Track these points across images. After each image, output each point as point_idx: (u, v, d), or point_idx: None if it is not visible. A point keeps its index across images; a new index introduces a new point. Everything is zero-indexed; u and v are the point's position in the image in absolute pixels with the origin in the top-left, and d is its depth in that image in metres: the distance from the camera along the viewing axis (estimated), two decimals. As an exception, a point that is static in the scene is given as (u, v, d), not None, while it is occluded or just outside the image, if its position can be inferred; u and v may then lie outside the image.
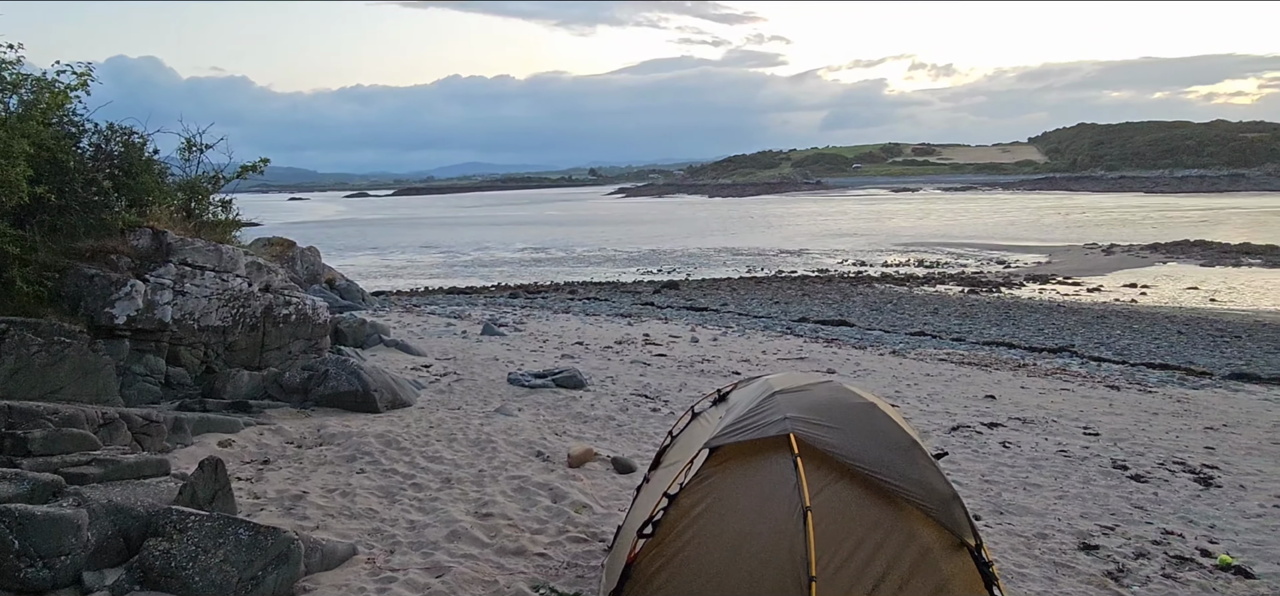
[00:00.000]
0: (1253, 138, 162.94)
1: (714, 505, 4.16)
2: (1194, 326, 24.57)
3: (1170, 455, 10.53)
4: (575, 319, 24.14)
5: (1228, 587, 6.40)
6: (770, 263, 46.80)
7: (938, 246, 54.33)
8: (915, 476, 3.98)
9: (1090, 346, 21.64)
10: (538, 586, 5.55)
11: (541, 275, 42.28)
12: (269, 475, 7.47)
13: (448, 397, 11.30)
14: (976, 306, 29.18)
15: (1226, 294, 31.67)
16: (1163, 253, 45.59)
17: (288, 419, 9.37)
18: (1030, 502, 8.36)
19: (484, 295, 33.23)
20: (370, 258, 54.42)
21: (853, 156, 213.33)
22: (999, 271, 40.30)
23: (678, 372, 14.96)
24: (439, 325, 20.08)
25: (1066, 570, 6.59)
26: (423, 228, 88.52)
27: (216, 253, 10.05)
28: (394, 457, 8.15)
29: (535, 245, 62.02)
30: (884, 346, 21.22)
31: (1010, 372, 17.37)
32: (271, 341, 10.70)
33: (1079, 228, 67.12)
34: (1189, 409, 13.86)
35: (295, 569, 5.18)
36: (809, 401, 4.41)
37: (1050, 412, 12.94)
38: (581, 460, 8.41)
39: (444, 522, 6.52)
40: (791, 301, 30.73)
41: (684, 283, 37.43)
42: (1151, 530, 7.68)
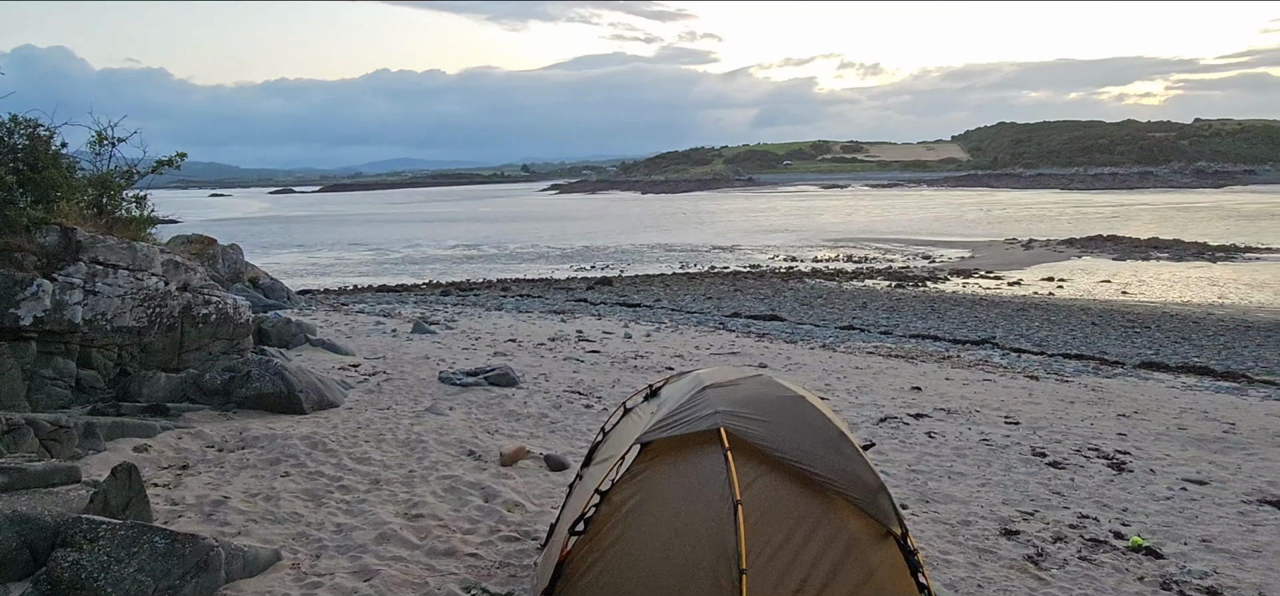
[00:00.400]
0: (1160, 137, 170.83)
1: (645, 500, 4.16)
2: (1107, 318, 25.62)
3: (1086, 442, 10.94)
4: (508, 316, 23.95)
5: (1139, 568, 6.67)
6: (703, 258, 47.16)
7: (866, 242, 55.52)
8: (843, 468, 4.05)
9: (1011, 338, 22.39)
10: (469, 587, 5.47)
11: (474, 272, 41.84)
12: (188, 480, 7.20)
13: (377, 397, 11.08)
14: (903, 300, 29.90)
15: (1137, 286, 33.11)
16: (1078, 247, 47.42)
17: (208, 422, 9.06)
18: (954, 491, 8.59)
19: (415, 293, 32.71)
20: (296, 255, 53.07)
21: (783, 153, 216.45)
22: (924, 266, 41.38)
23: (611, 369, 14.95)
24: (368, 323, 19.68)
25: (989, 555, 6.79)
26: (351, 225, 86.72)
27: (130, 250, 9.65)
28: (320, 459, 7.94)
29: (467, 242, 61.32)
30: (814, 340, 21.58)
31: (935, 365, 17.84)
32: (190, 342, 10.33)
33: (1000, 223, 69.35)
34: (1103, 397, 14.43)
35: (215, 577, 5.01)
36: (739, 395, 4.45)
37: (973, 403, 13.32)
38: (514, 458, 8.33)
39: (372, 525, 6.38)
40: (724, 297, 31.02)
41: (617, 279, 37.47)
42: (1068, 515, 7.96)
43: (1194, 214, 74.67)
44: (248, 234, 64.28)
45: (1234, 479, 9.50)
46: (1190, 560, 6.89)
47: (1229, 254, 43.05)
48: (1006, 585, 6.17)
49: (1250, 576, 6.59)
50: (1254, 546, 7.30)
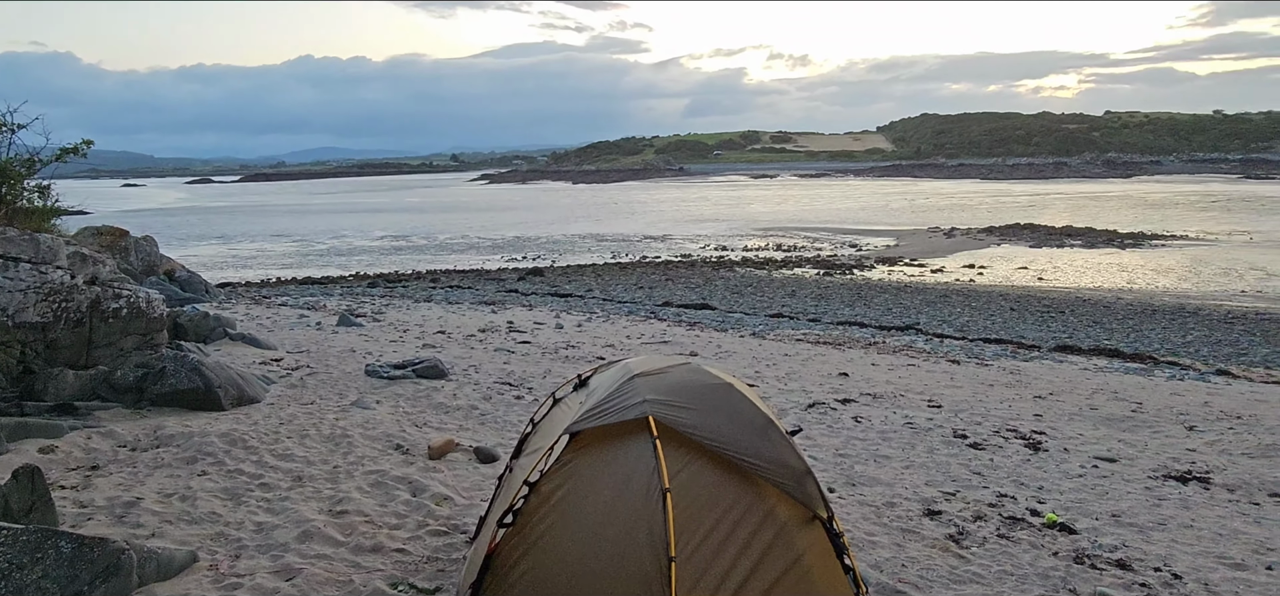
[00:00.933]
0: (1073, 129, 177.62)
1: (574, 490, 4.13)
2: (1024, 303, 26.52)
3: (1004, 423, 11.31)
4: (437, 307, 23.60)
5: (1053, 543, 6.93)
6: (634, 248, 47.23)
7: (795, 231, 56.36)
8: (771, 454, 4.09)
9: (934, 324, 23.00)
10: (396, 583, 5.37)
11: (402, 264, 41.10)
12: (98, 481, 6.89)
13: (300, 392, 10.78)
14: (831, 288, 30.45)
15: (1052, 272, 34.36)
16: (997, 235, 48.99)
17: (120, 421, 8.69)
18: (880, 473, 8.78)
19: (341, 285, 31.98)
20: (215, 247, 51.38)
21: (714, 143, 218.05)
22: (851, 254, 42.21)
23: (542, 359, 14.86)
24: (291, 317, 19.15)
25: (912, 535, 6.96)
26: (273, 215, 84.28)
27: (32, 242, 9.18)
28: (240, 457, 7.69)
29: (395, 233, 60.20)
30: (745, 329, 21.81)
31: (862, 351, 18.21)
32: (100, 338, 9.88)
33: (923, 212, 71.19)
34: (1021, 380, 14.93)
35: (127, 581, 4.80)
36: (668, 384, 4.45)
37: (898, 388, 13.64)
38: (442, 451, 8.21)
39: (295, 523, 6.20)
40: (655, 286, 31.13)
41: (549, 269, 37.27)
42: (988, 494, 8.22)
43: (1105, 203, 77.88)
44: (164, 226, 61.94)
45: (1141, 456, 9.94)
46: (1101, 534, 7.18)
47: (1137, 241, 45.03)
48: (929, 564, 6.33)
49: (1156, 548, 6.91)
50: (1159, 520, 7.65)
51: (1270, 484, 8.84)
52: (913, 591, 5.75)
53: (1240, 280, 31.89)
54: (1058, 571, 6.31)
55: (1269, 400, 13.55)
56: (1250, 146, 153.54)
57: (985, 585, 6.00)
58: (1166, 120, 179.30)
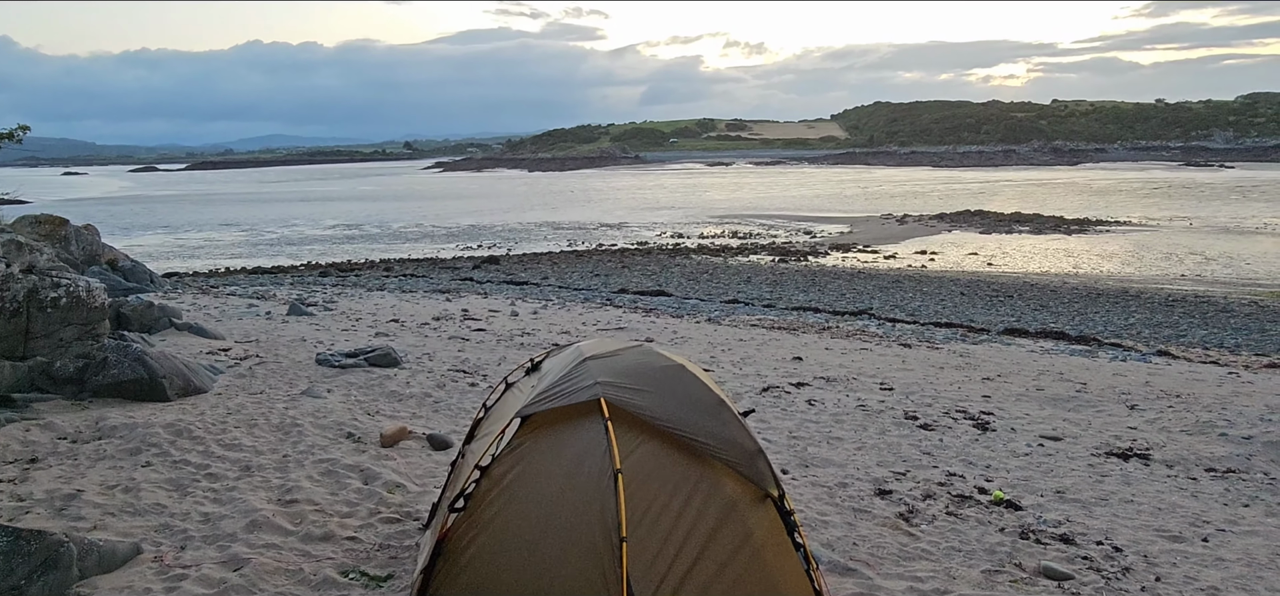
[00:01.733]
0: (1022, 117, 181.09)
1: (525, 473, 4.11)
2: (974, 288, 27.03)
3: (954, 405, 11.52)
4: (391, 296, 23.32)
5: (1000, 520, 7.09)
6: (591, 236, 47.14)
7: (750, 218, 56.71)
8: (722, 434, 4.11)
9: (886, 309, 23.34)
10: (347, 571, 5.30)
11: (355, 253, 40.51)
12: (36, 474, 6.69)
13: (249, 382, 10.58)
14: (786, 275, 30.71)
15: (1001, 258, 35.06)
16: (948, 222, 49.81)
17: (59, 412, 8.44)
18: (833, 455, 8.90)
19: (292, 275, 31.42)
20: (161, 237, 50.12)
21: (670, 131, 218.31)
22: (806, 241, 42.61)
23: (497, 347, 14.77)
24: (240, 306, 18.77)
25: (864, 515, 7.07)
26: (221, 204, 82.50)
27: (-36, 230, 8.86)
28: (186, 447, 7.52)
29: (347, 221, 59.31)
30: (700, 314, 21.91)
31: (816, 335, 18.41)
32: (38, 328, 9.57)
33: (876, 199, 72.11)
34: (970, 362, 15.22)
35: (67, 573, 4.68)
36: (619, 366, 4.45)
37: (851, 371, 13.82)
38: (395, 439, 8.12)
39: (243, 513, 6.09)
40: (612, 273, 31.11)
41: (504, 258, 37.03)
42: (937, 473, 8.37)
43: (1052, 190, 79.64)
44: (106, 215, 60.24)
45: (1085, 434, 10.21)
46: (1046, 510, 7.36)
47: (1082, 227, 46.13)
48: (880, 541, 6.44)
49: (1098, 522, 7.11)
50: (1101, 495, 7.87)
51: (1206, 459, 9.13)
52: (863, 569, 5.84)
53: (1180, 264, 32.86)
54: (1004, 546, 6.46)
55: (1206, 379, 13.99)
56: (1191, 134, 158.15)
57: (934, 561, 6.11)
58: (1111, 109, 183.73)
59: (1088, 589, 5.73)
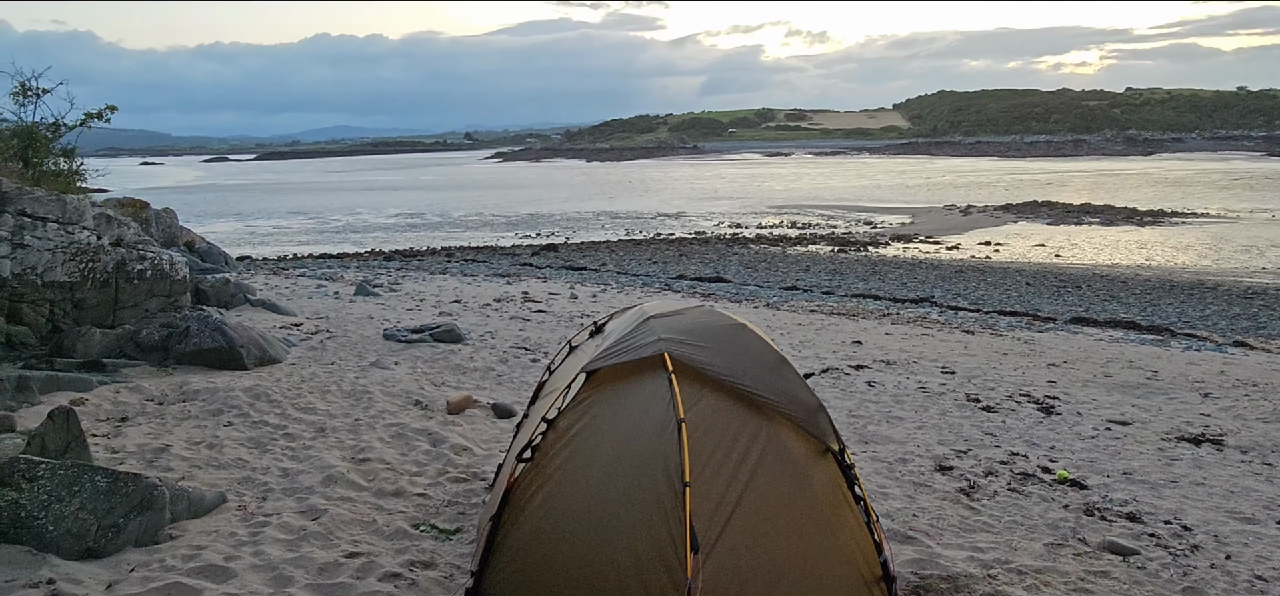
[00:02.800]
0: (1093, 106, 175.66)
1: (591, 425, 4.24)
2: (1040, 279, 26.42)
3: (1017, 389, 11.35)
4: (453, 279, 23.78)
5: (1064, 497, 7.01)
6: (649, 225, 47.24)
7: (809, 209, 56.17)
8: (783, 389, 4.18)
9: (948, 297, 22.98)
10: (418, 524, 5.52)
11: (417, 240, 41.27)
12: (128, 431, 7.08)
13: (320, 354, 10.96)
14: (845, 264, 30.41)
15: (1069, 249, 34.15)
16: (1014, 213, 48.65)
17: (146, 377, 8.89)
18: (892, 433, 8.87)
19: (357, 260, 32.19)
20: (232, 224, 51.73)
21: (728, 121, 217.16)
22: (866, 232, 42.07)
23: (557, 326, 14.99)
24: (309, 286, 19.37)
25: (924, 488, 7.06)
26: (289, 193, 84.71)
27: (60, 203, 9.36)
28: (264, 410, 7.87)
29: (410, 210, 60.40)
30: (759, 299, 21.88)
31: (875, 321, 18.25)
32: (125, 298, 10.08)
33: (939, 190, 70.76)
34: (1035, 349, 14.95)
35: (160, 516, 4.97)
36: (682, 324, 4.55)
37: (911, 355, 13.69)
38: (460, 407, 8.35)
39: (319, 469, 6.37)
40: (669, 261, 31.18)
41: (563, 245, 37.36)
42: (1000, 452, 8.29)
43: (1124, 180, 77.15)
44: (182, 202, 62.34)
45: (1155, 419, 9.98)
46: (1112, 490, 7.25)
47: (1156, 218, 44.63)
48: (940, 513, 6.43)
49: (1167, 503, 6.97)
50: (1171, 478, 7.71)
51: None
52: (923, 538, 5.85)
53: (1261, 257, 31.60)
54: (1067, 522, 6.39)
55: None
56: (1274, 123, 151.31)
57: (995, 534, 6.09)
58: (1189, 97, 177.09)
59: (1154, 563, 5.65)
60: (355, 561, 4.87)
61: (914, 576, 5.14)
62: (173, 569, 4.60)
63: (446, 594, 4.58)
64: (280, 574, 4.67)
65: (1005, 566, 5.41)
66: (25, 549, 4.52)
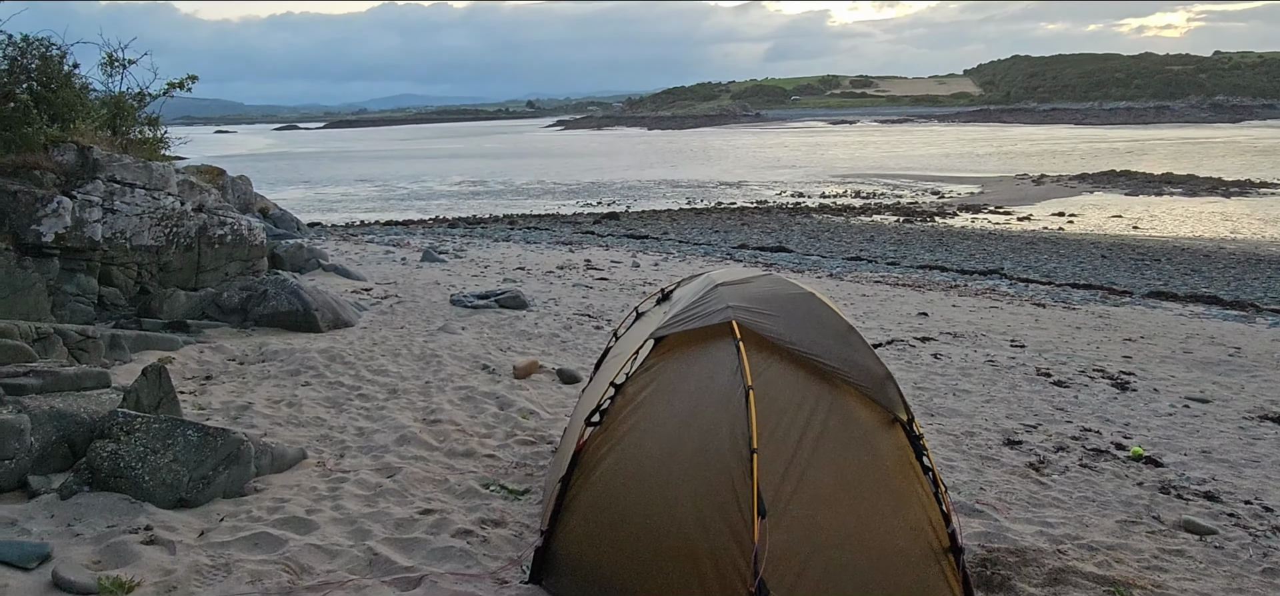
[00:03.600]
0: (1178, 70, 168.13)
1: (659, 390, 4.30)
2: (1117, 251, 25.59)
3: (1090, 363, 11.08)
4: (516, 246, 24.06)
5: (1139, 474, 6.85)
6: (710, 194, 47.01)
7: (874, 178, 55.19)
8: (851, 358, 4.17)
9: (1019, 269, 22.42)
10: (488, 484, 5.67)
11: (480, 208, 41.79)
12: (212, 389, 7.41)
13: (390, 318, 11.25)
14: (911, 234, 29.86)
15: (1148, 221, 32.95)
16: (1090, 183, 47.08)
17: (228, 338, 9.26)
18: (959, 406, 8.76)
19: (422, 227, 32.77)
20: (303, 191, 53.05)
21: (791, 89, 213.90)
22: (933, 202, 41.20)
23: (620, 294, 15.09)
24: (378, 252, 19.83)
25: (992, 463, 6.97)
26: (356, 161, 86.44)
27: (146, 170, 9.75)
28: (339, 371, 8.14)
29: (473, 178, 61.14)
30: (821, 270, 21.67)
31: (942, 293, 17.93)
32: (207, 262, 10.48)
33: (1011, 159, 68.79)
34: (1109, 323, 14.54)
35: (246, 469, 5.21)
36: (750, 292, 4.56)
37: (979, 328, 13.45)
38: (527, 372, 8.51)
39: (392, 429, 6.58)
40: (731, 230, 31.03)
41: (624, 214, 37.44)
42: (1071, 428, 8.13)
43: (1209, 149, 73.92)
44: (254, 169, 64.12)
45: (1236, 398, 9.65)
46: (1189, 468, 7.07)
47: (1243, 189, 42.71)
48: (1008, 487, 6.36)
49: (1247, 483, 6.77)
50: (1252, 457, 7.47)
51: (1375, 427, 8.50)
52: (991, 512, 5.79)
53: (1355, 229, 30.07)
54: (1141, 499, 6.26)
55: (1380, 348, 12.90)
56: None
57: (1065, 509, 6.00)
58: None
59: (1232, 543, 5.51)
60: (429, 517, 5.04)
61: (981, 549, 5.10)
62: (259, 519, 4.83)
63: (516, 550, 4.72)
64: (359, 527, 4.86)
65: (1076, 542, 5.33)
66: (124, 497, 4.79)
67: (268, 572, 4.30)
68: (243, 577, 4.24)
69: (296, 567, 4.37)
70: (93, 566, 4.23)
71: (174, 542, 4.47)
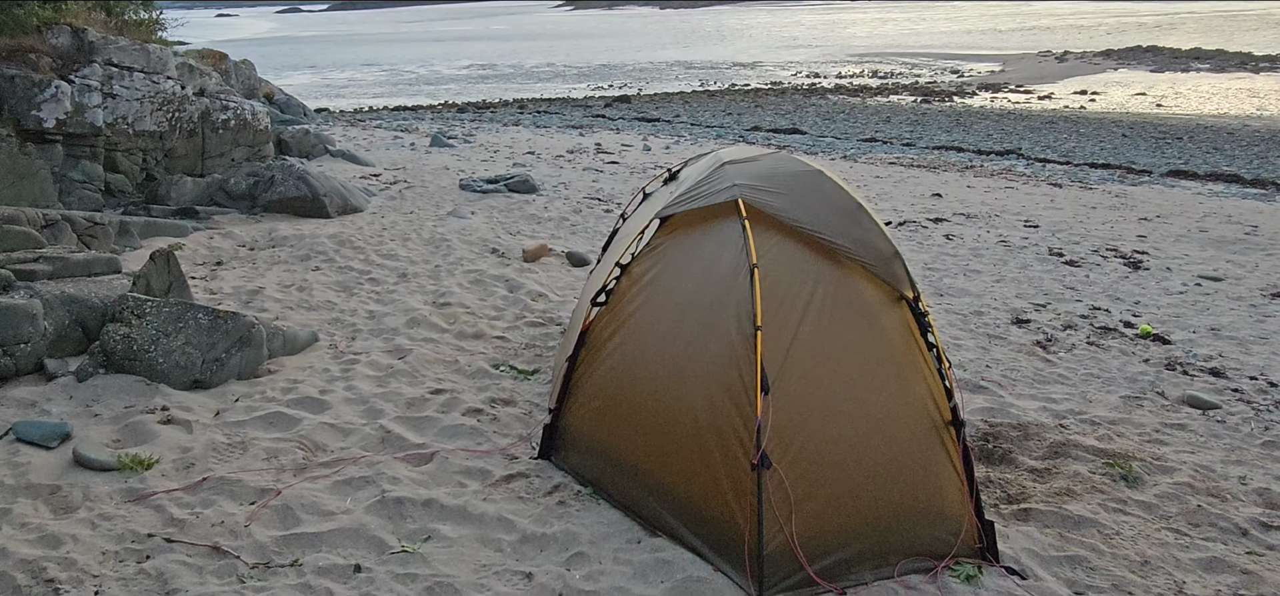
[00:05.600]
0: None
1: (664, 268, 4.29)
2: (1138, 130, 25.06)
3: (1104, 243, 10.98)
4: (526, 131, 23.79)
5: (1145, 351, 6.86)
6: (724, 75, 46.07)
7: (892, 57, 53.85)
8: (859, 235, 4.13)
9: (1037, 149, 22.04)
10: (498, 365, 5.74)
11: (489, 92, 41.13)
12: (223, 274, 7.46)
13: (399, 203, 11.22)
14: (928, 115, 29.29)
15: (1173, 99, 32.14)
16: (1115, 59, 45.80)
17: (237, 224, 9.27)
18: (969, 286, 8.74)
19: (431, 112, 32.36)
20: (308, 76, 52.25)
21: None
22: (952, 81, 40.25)
23: (630, 178, 14.96)
24: (386, 138, 19.65)
25: (999, 340, 6.99)
26: (362, 44, 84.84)
27: (144, 52, 9.60)
28: (349, 256, 8.16)
29: (482, 62, 60.00)
30: (835, 152, 21.38)
31: (957, 174, 17.70)
32: (212, 148, 10.41)
33: (1034, 34, 66.81)
34: (1126, 203, 14.35)
35: (259, 352, 5.28)
36: (757, 170, 4.49)
37: (993, 208, 13.30)
38: (536, 255, 8.51)
39: (402, 312, 6.63)
40: (744, 112, 30.51)
41: (636, 97, 36.81)
42: (1081, 306, 8.11)
43: (1242, 22, 71.42)
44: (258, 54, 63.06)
45: (1250, 275, 9.58)
46: (1197, 345, 7.07)
47: (1273, 64, 41.45)
48: (1014, 365, 6.39)
49: (1254, 360, 6.77)
50: (1261, 334, 7.45)
51: (1390, 304, 8.44)
52: (995, 389, 5.83)
53: (1386, 105, 29.25)
54: (1146, 376, 6.28)
55: (1401, 225, 12.71)
56: None
57: (1070, 386, 6.03)
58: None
59: (1234, 417, 5.54)
60: (440, 397, 5.13)
61: (984, 423, 5.16)
62: (273, 400, 4.92)
63: (526, 428, 4.81)
64: (372, 407, 4.95)
65: (1078, 417, 5.38)
66: (140, 378, 4.88)
67: (283, 450, 4.40)
68: (258, 454, 4.35)
69: (311, 445, 4.48)
70: (112, 445, 4.34)
71: (190, 422, 4.57)
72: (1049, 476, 4.56)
